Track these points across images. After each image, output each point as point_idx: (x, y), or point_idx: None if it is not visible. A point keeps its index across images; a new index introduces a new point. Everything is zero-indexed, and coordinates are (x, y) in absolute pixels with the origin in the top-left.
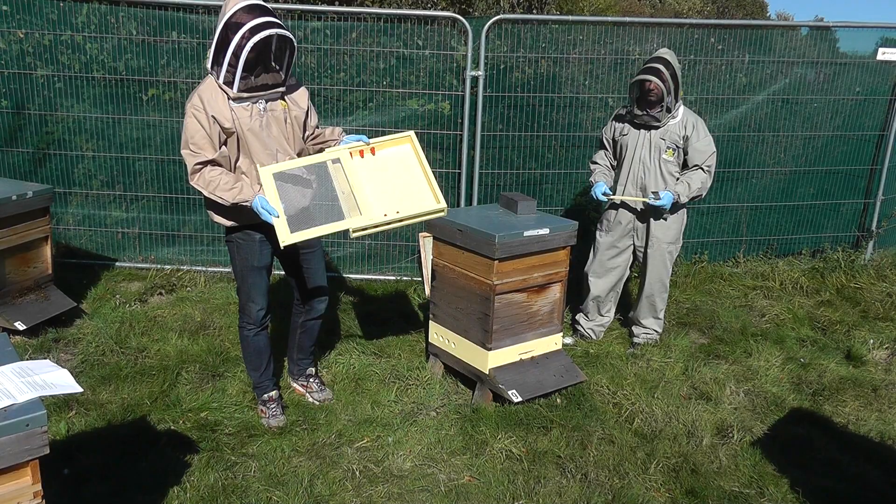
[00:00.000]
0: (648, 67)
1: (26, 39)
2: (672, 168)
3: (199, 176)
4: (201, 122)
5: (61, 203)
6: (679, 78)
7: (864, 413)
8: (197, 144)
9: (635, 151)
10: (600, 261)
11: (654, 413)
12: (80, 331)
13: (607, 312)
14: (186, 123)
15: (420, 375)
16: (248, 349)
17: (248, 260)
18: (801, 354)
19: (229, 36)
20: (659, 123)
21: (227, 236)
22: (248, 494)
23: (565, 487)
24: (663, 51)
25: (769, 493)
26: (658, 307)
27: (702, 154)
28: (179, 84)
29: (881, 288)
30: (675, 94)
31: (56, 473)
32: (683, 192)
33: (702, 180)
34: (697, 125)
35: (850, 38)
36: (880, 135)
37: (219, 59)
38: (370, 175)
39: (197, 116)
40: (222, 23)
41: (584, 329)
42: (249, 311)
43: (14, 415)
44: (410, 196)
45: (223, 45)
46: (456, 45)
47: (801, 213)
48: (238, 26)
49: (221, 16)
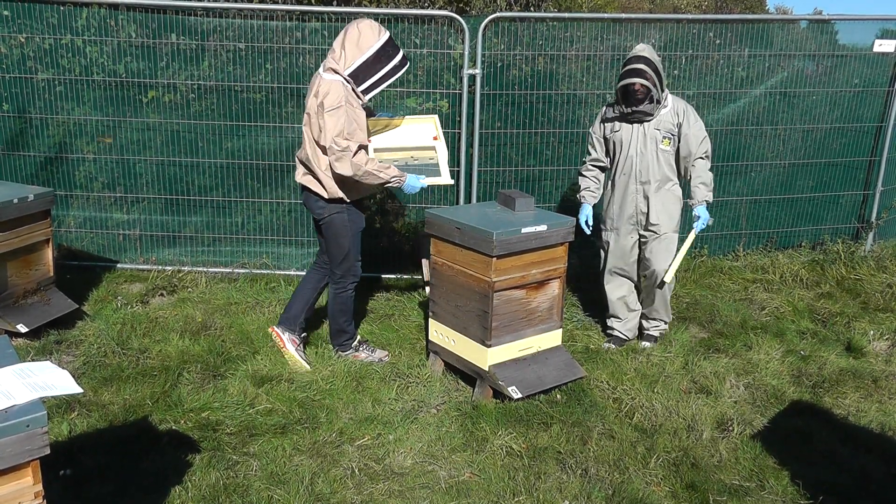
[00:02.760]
0: (630, 70)
1: (27, 44)
2: (670, 157)
3: (358, 156)
4: (357, 118)
5: (62, 206)
6: (661, 70)
7: (865, 404)
8: (353, 135)
9: (631, 146)
10: (621, 261)
11: (655, 408)
12: (82, 332)
13: (636, 306)
14: (339, 116)
15: (420, 373)
16: (347, 305)
17: (358, 224)
18: (802, 347)
19: (382, 62)
20: (652, 116)
21: (335, 209)
22: (250, 493)
23: (566, 483)
24: (639, 48)
25: (770, 486)
26: (667, 297)
27: (695, 140)
28: (179, 86)
29: (881, 279)
30: (661, 85)
31: (57, 474)
32: (707, 194)
33: (708, 168)
34: (688, 111)
35: (849, 31)
36: (878, 126)
37: (368, 73)
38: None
39: (351, 113)
40: (376, 47)
41: (622, 333)
42: (356, 269)
43: (15, 416)
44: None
45: (373, 67)
46: (453, 43)
47: (800, 205)
48: (391, 57)
49: (368, 40)
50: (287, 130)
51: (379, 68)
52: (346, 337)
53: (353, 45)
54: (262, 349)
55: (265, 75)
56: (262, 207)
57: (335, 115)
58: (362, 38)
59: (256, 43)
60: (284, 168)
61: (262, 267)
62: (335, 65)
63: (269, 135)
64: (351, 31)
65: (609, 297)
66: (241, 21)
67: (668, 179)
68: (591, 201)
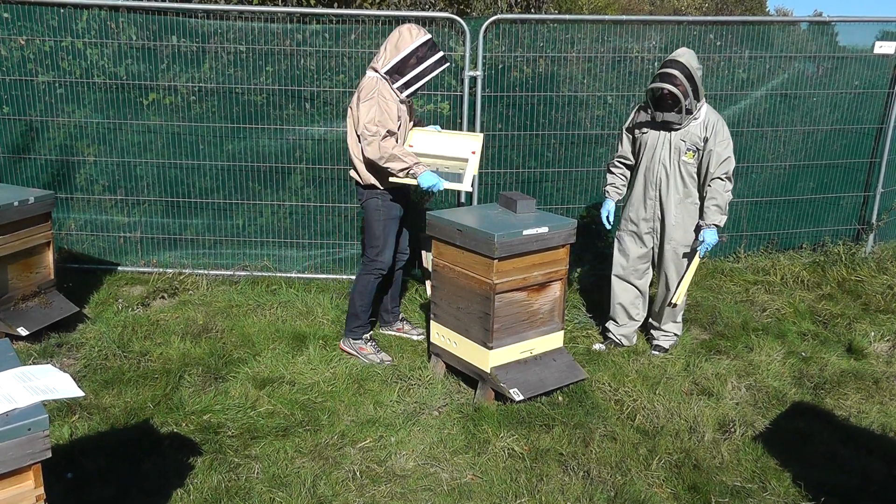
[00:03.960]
0: (662, 73)
1: (27, 46)
2: (692, 170)
3: (386, 140)
4: (388, 109)
5: (63, 208)
6: (697, 79)
7: (866, 406)
8: (383, 123)
9: (654, 152)
10: (632, 264)
11: (656, 409)
12: (83, 335)
13: (637, 315)
14: (371, 105)
15: (422, 375)
16: (367, 293)
17: (390, 212)
18: (803, 348)
19: (418, 61)
20: (679, 126)
21: (370, 195)
22: (252, 496)
23: (568, 485)
24: (679, 52)
25: (771, 487)
26: (678, 310)
27: (717, 158)
28: (180, 88)
29: (882, 280)
30: (696, 94)
31: (59, 477)
32: (718, 217)
33: (726, 190)
34: (717, 127)
35: (849, 33)
36: (879, 128)
37: (403, 71)
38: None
39: (382, 104)
40: (411, 48)
41: (615, 336)
42: (384, 257)
43: (16, 419)
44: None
45: (408, 66)
46: (454, 45)
47: (801, 207)
48: (427, 57)
49: (406, 41)
50: (288, 133)
51: (414, 66)
52: (358, 324)
53: (393, 45)
54: (264, 351)
55: (266, 77)
56: (264, 210)
57: (367, 105)
58: (401, 40)
59: (257, 45)
60: (286, 170)
61: (263, 269)
62: (376, 63)
63: (270, 137)
64: (393, 34)
65: (612, 299)
66: (241, 23)
67: (689, 193)
68: (615, 197)
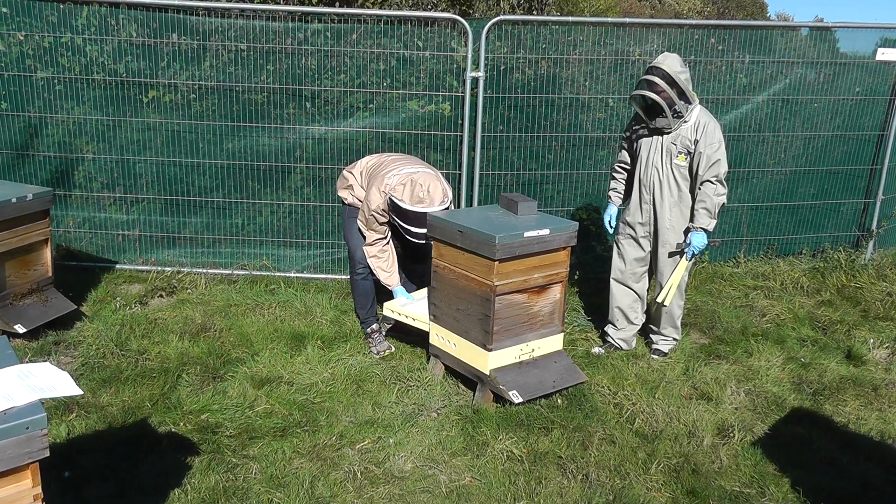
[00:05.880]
0: (643, 80)
1: (26, 42)
2: (685, 172)
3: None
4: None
5: (61, 205)
6: (681, 83)
7: (865, 412)
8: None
9: (648, 155)
10: (629, 268)
11: (655, 413)
12: (81, 333)
13: (636, 319)
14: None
15: (421, 376)
16: (358, 292)
17: (355, 211)
18: (802, 354)
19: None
20: (670, 129)
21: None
22: (249, 496)
23: (566, 488)
24: (659, 59)
25: (770, 492)
26: (675, 314)
27: (706, 161)
28: (180, 86)
29: (881, 287)
30: (682, 98)
31: (57, 476)
32: (706, 220)
33: (717, 193)
34: (708, 129)
35: (850, 39)
36: (880, 135)
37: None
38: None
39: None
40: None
41: (614, 340)
42: (359, 255)
43: (14, 418)
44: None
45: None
46: (456, 46)
47: (801, 213)
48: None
49: (399, 207)
50: (288, 132)
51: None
52: (361, 319)
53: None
54: (262, 351)
55: (267, 76)
56: (263, 209)
57: (374, 192)
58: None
59: (258, 43)
60: (285, 170)
61: (262, 269)
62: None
63: (270, 136)
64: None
65: (611, 303)
66: (243, 21)
67: (683, 196)
68: (617, 202)
